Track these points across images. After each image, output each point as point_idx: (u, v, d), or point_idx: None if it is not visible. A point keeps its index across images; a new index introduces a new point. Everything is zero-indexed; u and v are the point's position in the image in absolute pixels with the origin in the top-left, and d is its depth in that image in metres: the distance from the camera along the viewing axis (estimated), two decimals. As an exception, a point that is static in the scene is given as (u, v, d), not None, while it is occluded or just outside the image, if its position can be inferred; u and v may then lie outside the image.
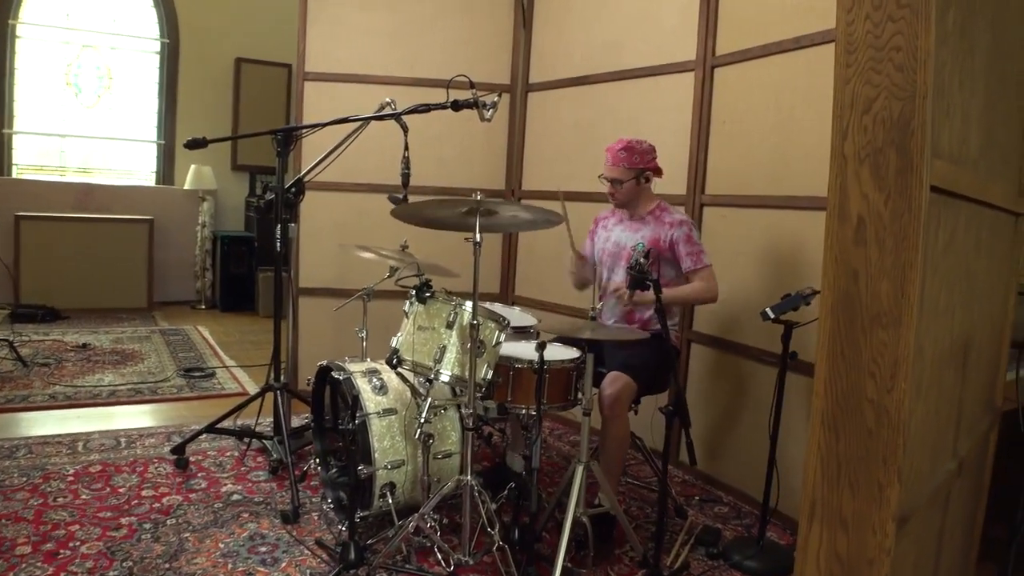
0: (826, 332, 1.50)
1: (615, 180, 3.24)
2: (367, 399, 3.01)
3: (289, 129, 3.40)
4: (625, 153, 3.23)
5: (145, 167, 8.02)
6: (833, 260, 1.49)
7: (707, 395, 3.81)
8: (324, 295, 4.72)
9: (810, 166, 3.22)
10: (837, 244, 1.49)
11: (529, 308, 4.60)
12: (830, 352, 1.50)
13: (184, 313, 7.58)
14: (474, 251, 2.54)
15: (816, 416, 1.55)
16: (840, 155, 1.49)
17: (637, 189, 3.28)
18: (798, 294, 2.78)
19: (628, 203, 3.31)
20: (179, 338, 6.45)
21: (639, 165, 3.24)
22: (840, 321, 1.49)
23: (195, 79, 7.89)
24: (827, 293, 1.50)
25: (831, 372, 1.50)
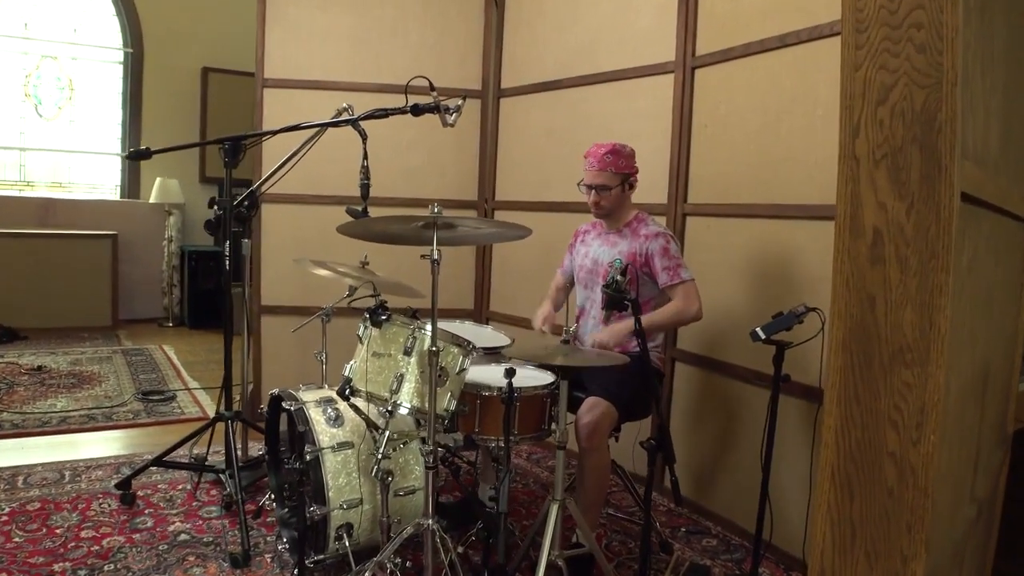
0: (837, 370, 1.23)
1: (601, 187, 2.99)
2: (320, 432, 2.72)
3: (236, 138, 3.12)
4: (612, 156, 2.98)
5: (109, 180, 7.71)
6: (844, 283, 1.22)
7: (693, 418, 3.56)
8: (287, 313, 4.44)
9: (799, 172, 3.01)
10: (849, 263, 1.21)
11: (504, 325, 4.37)
12: (842, 395, 1.22)
13: (150, 331, 7.26)
14: (432, 269, 2.26)
15: (825, 470, 1.27)
16: (851, 156, 1.22)
17: (622, 197, 3.04)
18: (791, 312, 2.54)
19: (612, 213, 3.06)
20: (142, 358, 6.12)
21: (625, 170, 3.01)
22: (854, 357, 1.21)
23: (160, 89, 7.59)
24: (837, 323, 1.23)
25: (843, 419, 1.23)
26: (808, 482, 2.83)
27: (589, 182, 3.00)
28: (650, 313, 2.90)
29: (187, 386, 5.31)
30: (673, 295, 2.94)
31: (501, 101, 4.56)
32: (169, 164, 7.30)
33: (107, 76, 7.60)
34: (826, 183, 2.89)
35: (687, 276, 2.94)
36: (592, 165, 2.99)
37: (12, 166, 7.31)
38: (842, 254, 1.21)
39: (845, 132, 1.21)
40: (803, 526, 2.88)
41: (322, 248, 4.20)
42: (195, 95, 7.67)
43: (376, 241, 2.46)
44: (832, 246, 2.72)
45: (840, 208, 1.21)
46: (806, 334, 2.66)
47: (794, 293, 2.96)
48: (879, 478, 1.20)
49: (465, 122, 4.48)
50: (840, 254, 1.21)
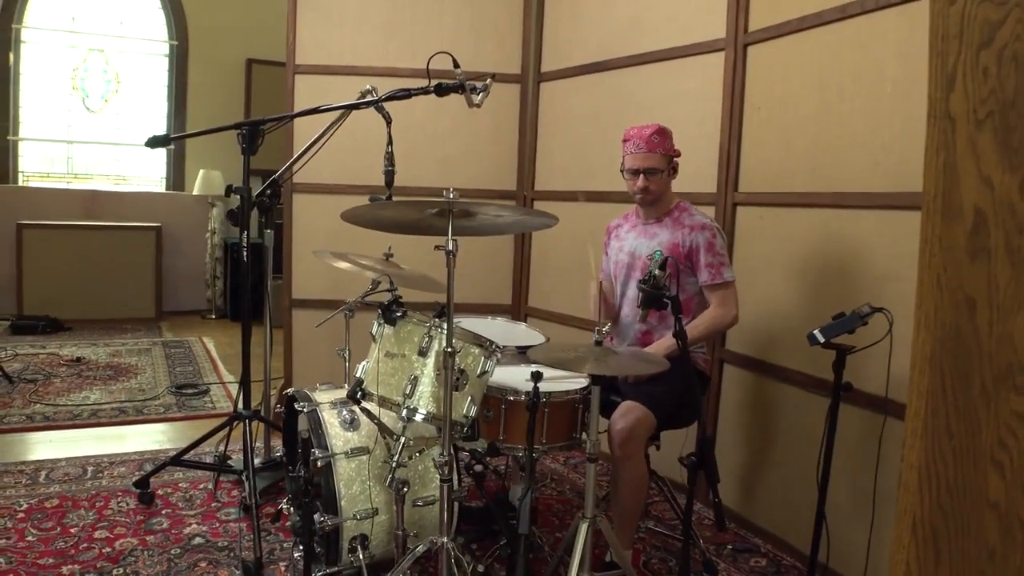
0: (922, 394, 0.94)
1: (651, 170, 2.74)
2: (334, 436, 2.51)
3: (254, 123, 2.93)
4: (659, 137, 2.74)
5: (154, 172, 7.67)
6: (933, 281, 0.93)
7: (742, 424, 3.27)
8: (318, 307, 4.25)
9: (862, 157, 2.71)
10: (940, 256, 0.93)
11: (542, 323, 4.14)
12: (929, 426, 0.94)
13: (193, 323, 7.18)
14: (447, 261, 2.02)
15: (904, 520, 0.99)
16: (943, 115, 0.92)
17: (668, 181, 2.81)
18: (854, 313, 2.27)
19: (657, 199, 2.82)
20: (180, 351, 6.03)
21: (671, 152, 2.78)
22: (946, 378, 0.93)
23: (205, 81, 7.52)
24: (924, 333, 0.94)
25: (930, 457, 0.94)
26: (871, 502, 2.53)
27: (637, 166, 2.75)
28: (689, 327, 2.63)
29: (222, 380, 5.18)
30: (711, 297, 2.69)
31: (541, 86, 4.32)
32: (213, 156, 7.22)
33: (153, 69, 7.55)
34: (893, 169, 2.58)
35: (729, 277, 2.69)
36: (639, 147, 2.74)
37: (60, 159, 7.29)
38: (931, 244, 0.92)
39: (936, 84, 0.92)
40: (864, 550, 2.57)
41: (353, 240, 4.00)
42: (239, 87, 7.57)
43: (387, 231, 2.24)
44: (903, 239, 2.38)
45: (928, 184, 0.93)
46: (871, 338, 2.39)
47: (857, 292, 2.66)
48: (977, 535, 0.91)
49: (504, 108, 4.31)
50: (928, 244, 0.92)
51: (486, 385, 2.34)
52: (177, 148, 7.58)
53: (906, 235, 2.52)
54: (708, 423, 3.33)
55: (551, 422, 2.41)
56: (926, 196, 0.94)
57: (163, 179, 7.68)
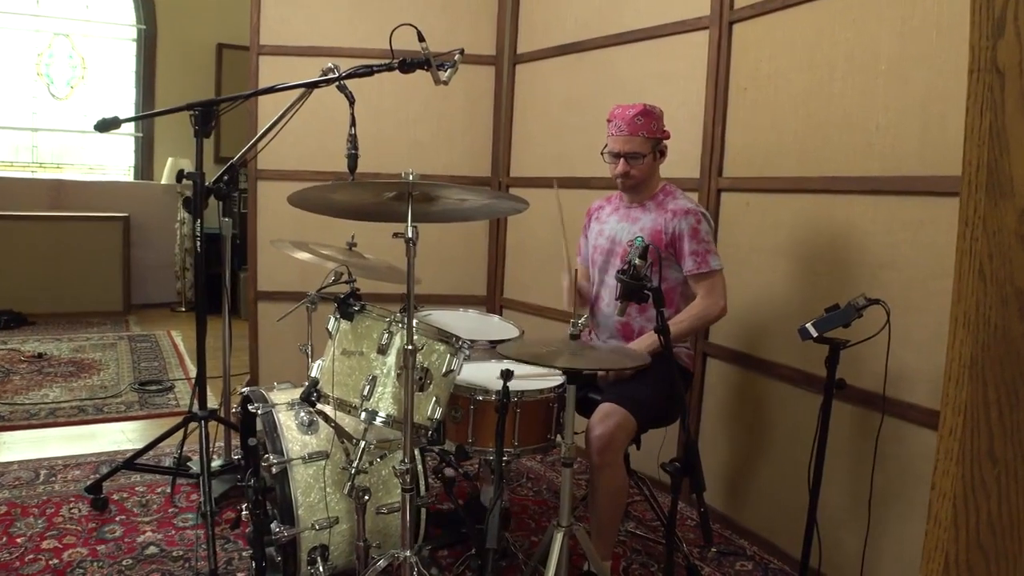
0: (959, 409, 0.76)
1: (632, 154, 2.56)
2: (291, 440, 2.32)
3: (207, 104, 2.73)
4: (643, 119, 2.56)
5: (122, 161, 7.41)
6: (975, 271, 0.75)
7: (727, 421, 3.12)
8: (286, 299, 4.09)
9: (855, 139, 2.55)
10: (985, 241, 0.74)
11: (518, 314, 3.99)
12: (968, 447, 0.76)
13: (162, 317, 6.95)
14: (407, 249, 1.83)
15: (935, 559, 0.82)
16: (990, 68, 0.75)
17: (653, 166, 2.63)
18: (849, 306, 2.12)
19: (639, 185, 2.64)
20: (147, 345, 5.80)
21: (657, 134, 2.60)
22: (989, 390, 0.75)
23: (174, 66, 7.26)
24: (962, 336, 0.76)
25: (968, 485, 0.77)
26: (867, 506, 2.38)
27: (617, 149, 2.58)
28: (671, 321, 2.48)
29: (188, 376, 4.97)
30: (697, 287, 2.52)
31: (517, 67, 4.15)
32: (183, 143, 6.99)
33: (120, 53, 7.28)
34: (889, 151, 2.43)
35: (716, 265, 2.53)
36: (620, 129, 2.57)
37: (24, 147, 7.02)
38: (972, 226, 0.74)
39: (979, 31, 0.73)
40: (859, 557, 2.41)
41: (321, 228, 3.83)
42: (209, 72, 7.33)
43: (340, 216, 2.06)
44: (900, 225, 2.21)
45: (970, 152, 0.74)
46: (866, 331, 2.24)
47: (851, 282, 2.51)
48: (1029, 582, 0.73)
49: (478, 91, 4.15)
50: (969, 226, 0.74)
51: (453, 384, 2.17)
52: (145, 136, 7.33)
53: (903, 221, 2.38)
54: (691, 422, 3.18)
55: (523, 423, 2.25)
56: (967, 168, 0.76)
57: (131, 168, 7.44)
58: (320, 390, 2.08)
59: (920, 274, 2.30)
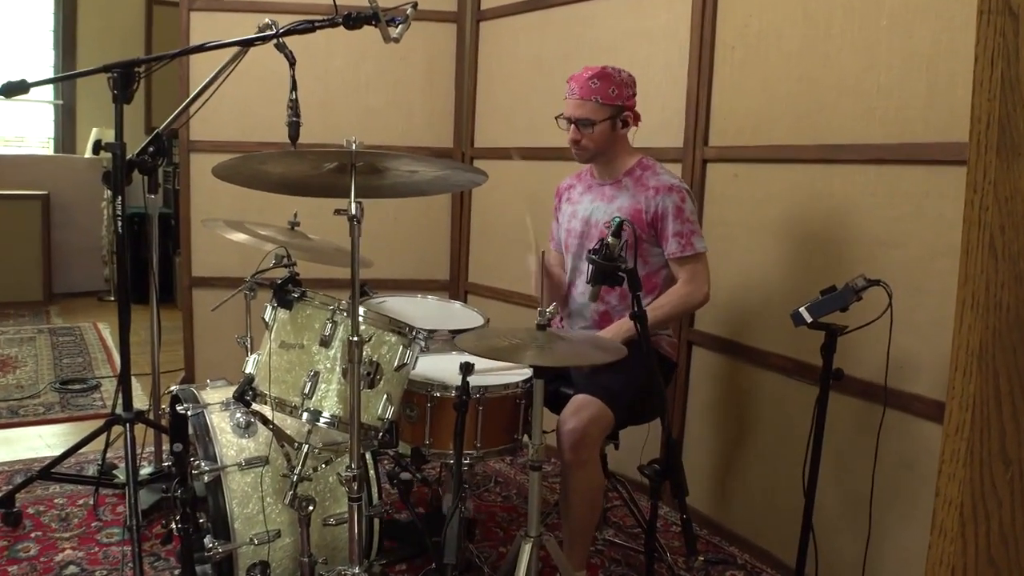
0: (966, 404, 0.74)
1: (582, 120, 2.54)
2: (225, 444, 2.28)
3: (126, 64, 2.65)
4: (599, 82, 2.53)
5: (41, 133, 7.30)
6: (985, 245, 0.72)
7: (714, 415, 3.13)
8: (225, 286, 4.00)
9: (855, 103, 2.55)
10: (996, 210, 0.72)
11: (484, 300, 4.00)
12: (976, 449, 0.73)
13: (88, 307, 6.85)
14: (350, 228, 1.79)
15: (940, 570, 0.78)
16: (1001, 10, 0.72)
17: (612, 136, 2.59)
18: (847, 287, 2.12)
19: (598, 156, 2.63)
20: (70, 339, 5.71)
21: (616, 100, 2.55)
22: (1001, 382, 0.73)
23: (98, 25, 7.13)
24: (970, 319, 0.74)
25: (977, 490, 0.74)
26: (867, 508, 2.38)
27: (568, 113, 2.57)
28: (651, 307, 2.46)
29: (116, 372, 4.88)
30: (679, 271, 2.52)
31: (481, 25, 4.12)
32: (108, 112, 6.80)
33: (36, 12, 7.13)
34: (892, 116, 2.43)
35: (701, 247, 2.53)
36: (573, 92, 2.57)
37: (-73, 117, 6.87)
38: (982, 192, 0.71)
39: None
40: (859, 564, 2.42)
41: (265, 206, 3.79)
42: (138, 31, 7.24)
43: (274, 191, 2.02)
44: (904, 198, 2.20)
45: (979, 107, 0.70)
46: (866, 315, 2.24)
47: (849, 262, 2.52)
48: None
49: (438, 51, 4.15)
50: (978, 193, 0.71)
51: (406, 380, 2.14)
52: (66, 103, 7.21)
53: (907, 194, 2.37)
54: (674, 417, 3.18)
55: (487, 422, 2.25)
56: (976, 125, 0.72)
57: (51, 140, 7.32)
58: (256, 388, 2.04)
59: (926, 252, 2.30)
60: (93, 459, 3.41)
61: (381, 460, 2.89)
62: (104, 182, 2.91)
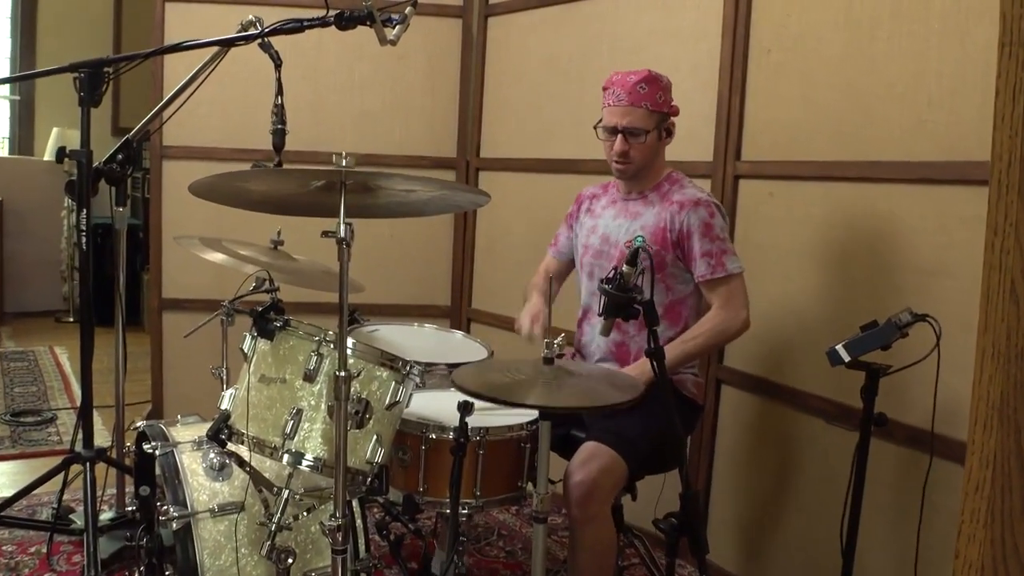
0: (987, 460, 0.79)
1: (633, 130, 2.61)
2: (196, 487, 2.36)
3: (95, 64, 2.74)
4: (647, 87, 2.61)
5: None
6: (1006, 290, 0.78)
7: (745, 464, 3.19)
8: (199, 309, 4.08)
9: (903, 114, 2.62)
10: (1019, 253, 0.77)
11: (488, 329, 4.08)
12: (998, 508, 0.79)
13: (44, 328, 6.97)
14: (339, 252, 1.86)
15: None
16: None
17: (657, 147, 2.69)
18: (890, 323, 2.18)
19: (641, 170, 2.69)
20: (23, 364, 5.83)
21: (663, 107, 2.65)
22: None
23: (61, 14, 7.31)
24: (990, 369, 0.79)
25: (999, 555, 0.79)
26: (912, 567, 2.42)
27: (614, 122, 2.62)
28: (681, 338, 2.54)
29: (74, 404, 4.98)
30: (712, 296, 2.57)
31: (489, 21, 4.22)
32: (71, 110, 6.93)
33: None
34: (943, 130, 2.50)
35: (735, 267, 2.57)
36: (619, 99, 2.61)
37: None
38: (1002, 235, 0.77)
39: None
40: (904, 632, 2.46)
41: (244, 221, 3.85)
42: (106, 22, 7.41)
43: (260, 211, 2.10)
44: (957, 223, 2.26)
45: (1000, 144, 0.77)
46: (911, 354, 2.30)
47: (896, 292, 2.58)
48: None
49: (441, 50, 4.24)
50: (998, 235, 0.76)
51: (399, 419, 2.21)
52: (24, 99, 7.38)
53: (960, 218, 2.43)
54: (700, 465, 3.23)
55: (488, 468, 2.30)
56: (996, 164, 0.78)
57: (5, 140, 7.50)
58: (232, 426, 2.10)
59: (980, 283, 2.34)
60: (47, 502, 3.48)
61: (369, 508, 2.94)
62: (67, 192, 3.00)
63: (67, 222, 7.14)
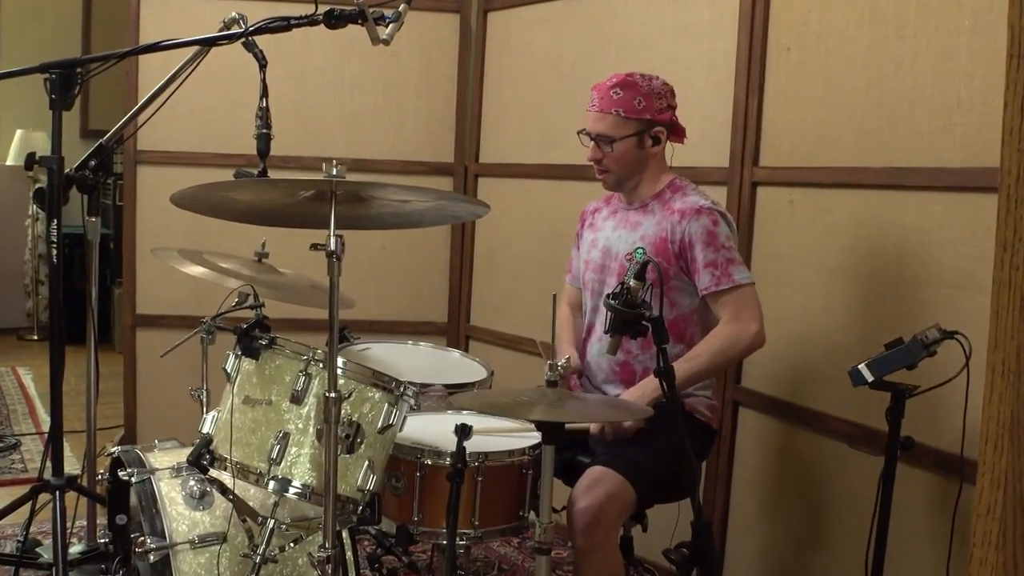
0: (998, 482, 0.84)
1: (601, 136, 2.68)
2: (175, 517, 2.40)
3: (67, 64, 2.79)
4: (622, 92, 2.66)
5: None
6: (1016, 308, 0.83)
7: (766, 491, 3.22)
8: (175, 326, 4.12)
9: (931, 117, 2.65)
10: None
11: (488, 347, 4.11)
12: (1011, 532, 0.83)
13: (6, 347, 7.04)
14: (329, 267, 1.91)
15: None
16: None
17: (639, 155, 2.73)
18: (916, 341, 2.21)
19: (624, 180, 2.76)
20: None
21: (643, 114, 2.68)
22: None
23: (26, 8, 7.37)
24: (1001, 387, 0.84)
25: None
26: (941, 603, 2.46)
27: (587, 128, 2.72)
28: (686, 356, 2.58)
29: (40, 429, 5.02)
30: (719, 309, 2.60)
31: (489, 17, 4.27)
32: (36, 111, 6.99)
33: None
34: (974, 135, 2.53)
35: (743, 278, 2.61)
36: (593, 104, 2.71)
37: None
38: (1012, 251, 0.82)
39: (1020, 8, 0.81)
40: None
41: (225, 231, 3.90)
42: (74, 18, 7.48)
43: (246, 222, 2.14)
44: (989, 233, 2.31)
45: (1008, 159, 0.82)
46: (941, 373, 2.33)
47: (925, 307, 2.61)
48: None
49: (437, 47, 4.28)
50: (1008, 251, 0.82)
51: (392, 444, 2.25)
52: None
53: (991, 228, 2.35)
54: (716, 493, 3.27)
55: (487, 496, 2.33)
56: (1005, 178, 0.84)
57: (-38, 143, 7.52)
58: (215, 451, 2.15)
59: (1012, 298, 2.39)
60: (12, 534, 3.52)
61: (361, 540, 2.98)
62: (36, 201, 3.06)
63: (32, 231, 7.16)
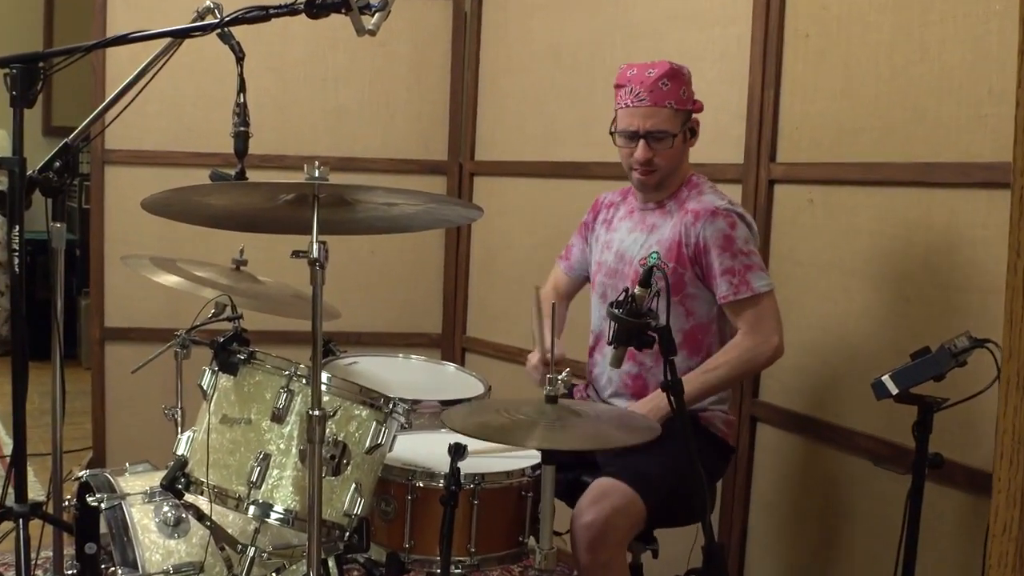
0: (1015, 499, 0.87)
1: (658, 133, 2.68)
2: (148, 546, 2.45)
3: (28, 59, 2.81)
4: (670, 83, 2.68)
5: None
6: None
7: (786, 511, 3.25)
8: (147, 340, 4.15)
9: (960, 110, 2.67)
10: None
11: (485, 360, 4.16)
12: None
13: (-36, 364, 7.00)
14: (312, 276, 1.94)
15: None
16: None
17: (683, 151, 2.78)
18: (944, 350, 2.23)
19: (665, 179, 2.77)
20: (-59, 407, 5.87)
21: (688, 105, 2.74)
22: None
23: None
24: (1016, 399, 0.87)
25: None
26: (975, 628, 2.48)
27: (635, 126, 2.69)
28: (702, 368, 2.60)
29: (2, 453, 5.07)
30: (737, 319, 2.63)
31: (484, 3, 4.32)
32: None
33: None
34: (1006, 127, 2.52)
35: (762, 286, 2.63)
36: (639, 98, 2.68)
37: None
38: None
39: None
40: None
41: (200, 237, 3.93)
42: (36, 12, 7.58)
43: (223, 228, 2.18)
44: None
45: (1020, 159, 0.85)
46: (971, 385, 2.34)
47: (955, 313, 2.64)
48: None
49: (429, 36, 4.33)
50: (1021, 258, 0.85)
51: (381, 465, 2.27)
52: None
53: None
54: (734, 514, 3.29)
55: (484, 520, 2.35)
56: (1017, 179, 0.87)
57: (-84, 142, 7.57)
58: (190, 474, 2.17)
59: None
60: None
61: (348, 569, 3.01)
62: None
63: (-9, 239, 7.24)
